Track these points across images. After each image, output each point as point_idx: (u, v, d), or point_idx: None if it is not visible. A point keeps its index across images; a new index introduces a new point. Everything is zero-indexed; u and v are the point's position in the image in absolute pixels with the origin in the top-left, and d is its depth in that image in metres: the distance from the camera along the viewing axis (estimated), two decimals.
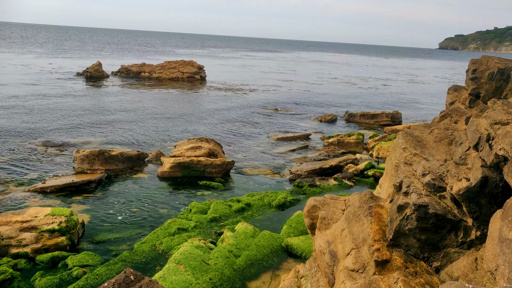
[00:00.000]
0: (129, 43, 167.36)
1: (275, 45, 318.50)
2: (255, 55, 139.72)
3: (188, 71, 54.83)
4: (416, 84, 71.14)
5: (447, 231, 6.19)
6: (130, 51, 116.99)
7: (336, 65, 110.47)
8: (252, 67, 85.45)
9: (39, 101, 33.83)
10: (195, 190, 16.98)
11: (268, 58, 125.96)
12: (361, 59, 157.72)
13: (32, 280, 9.98)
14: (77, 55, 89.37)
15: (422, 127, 9.42)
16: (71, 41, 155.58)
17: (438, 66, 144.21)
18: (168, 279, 9.61)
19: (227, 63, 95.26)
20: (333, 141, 25.17)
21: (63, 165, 18.96)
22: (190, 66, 55.59)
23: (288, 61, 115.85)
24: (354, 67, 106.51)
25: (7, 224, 11.56)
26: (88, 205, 14.80)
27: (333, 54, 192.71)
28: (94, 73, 50.61)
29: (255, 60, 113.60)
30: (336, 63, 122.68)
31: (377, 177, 18.75)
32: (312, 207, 8.66)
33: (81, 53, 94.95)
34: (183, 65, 55.58)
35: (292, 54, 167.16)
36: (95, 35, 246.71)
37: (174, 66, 55.31)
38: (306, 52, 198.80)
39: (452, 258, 6.11)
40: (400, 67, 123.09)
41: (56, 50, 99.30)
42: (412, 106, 44.88)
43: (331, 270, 7.30)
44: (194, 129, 27.63)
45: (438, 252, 6.25)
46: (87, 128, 26.02)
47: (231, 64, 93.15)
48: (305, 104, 41.35)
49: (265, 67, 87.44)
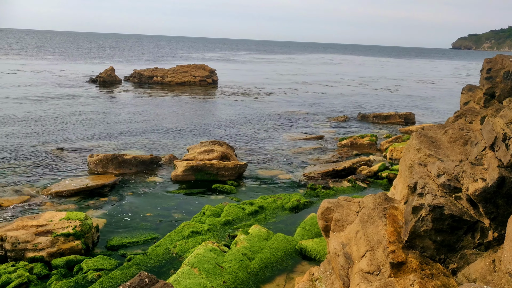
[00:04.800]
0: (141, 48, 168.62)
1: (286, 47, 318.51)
2: (267, 58, 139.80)
3: (200, 75, 55.03)
4: (429, 84, 70.55)
5: (464, 233, 6.11)
6: (142, 55, 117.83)
7: (349, 67, 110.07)
8: (263, 70, 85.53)
9: (53, 106, 34.22)
10: (208, 193, 17.01)
11: (279, 61, 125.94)
12: (373, 60, 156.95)
13: (48, 284, 10.07)
14: (89, 60, 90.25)
15: (436, 127, 9.32)
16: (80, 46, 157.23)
17: (451, 66, 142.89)
18: (182, 282, 9.62)
19: (238, 66, 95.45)
20: (346, 142, 25.05)
21: (78, 169, 19.13)
22: (202, 69, 55.79)
23: (300, 63, 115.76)
24: (367, 68, 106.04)
25: (23, 228, 11.68)
26: (102, 209, 14.91)
27: (346, 56, 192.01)
28: (107, 78, 51.04)
29: (266, 62, 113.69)
30: (348, 64, 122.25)
31: (391, 179, 18.59)
32: (326, 209, 8.61)
33: (93, 59, 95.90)
34: (195, 69, 55.79)
35: (304, 56, 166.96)
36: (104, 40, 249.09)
37: (186, 70, 55.57)
38: (318, 54, 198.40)
39: (469, 260, 6.02)
40: (413, 67, 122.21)
41: (68, 56, 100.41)
42: (425, 106, 44.50)
43: (345, 272, 7.24)
44: (207, 132, 27.71)
45: (454, 254, 6.17)
46: (101, 133, 26.25)
47: (242, 67, 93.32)
48: (318, 105, 41.24)
49: (277, 69, 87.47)
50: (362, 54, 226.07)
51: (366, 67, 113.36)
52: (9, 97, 37.54)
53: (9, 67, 65.43)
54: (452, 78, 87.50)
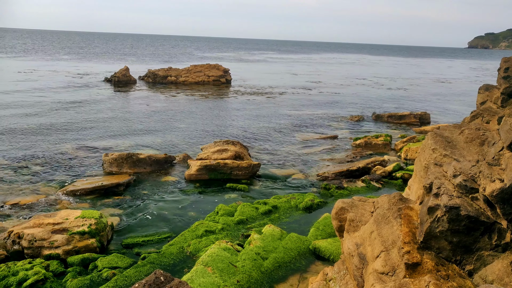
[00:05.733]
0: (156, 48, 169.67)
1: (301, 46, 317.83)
2: (280, 57, 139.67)
3: (214, 75, 55.20)
4: (445, 84, 69.80)
5: (480, 234, 6.03)
6: (156, 55, 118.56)
7: (364, 66, 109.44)
8: (277, 69, 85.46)
9: (68, 106, 34.62)
10: (221, 192, 17.05)
11: (293, 60, 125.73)
12: (388, 60, 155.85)
13: (64, 281, 10.18)
14: (104, 60, 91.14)
15: (452, 127, 9.22)
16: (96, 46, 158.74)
17: (467, 65, 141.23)
18: (196, 281, 9.65)
19: (252, 65, 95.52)
20: (361, 142, 24.91)
21: (93, 168, 19.32)
22: (215, 69, 55.95)
23: (314, 63, 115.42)
24: (382, 68, 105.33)
25: (39, 226, 11.84)
26: (117, 208, 15.04)
27: (361, 55, 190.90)
28: (121, 78, 51.47)
29: (280, 62, 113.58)
30: (363, 64, 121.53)
31: (405, 179, 18.44)
32: (340, 209, 8.57)
33: (107, 59, 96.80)
34: (208, 69, 55.98)
35: (318, 56, 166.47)
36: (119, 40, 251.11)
37: (200, 70, 55.78)
38: (333, 54, 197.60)
39: (486, 262, 5.94)
40: (428, 67, 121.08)
41: (84, 56, 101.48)
42: (441, 106, 44.03)
43: (360, 272, 7.20)
44: (220, 132, 27.77)
45: (471, 255, 6.10)
46: (115, 132, 26.47)
47: (256, 66, 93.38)
48: (332, 105, 41.09)
49: (291, 69, 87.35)
50: (377, 54, 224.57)
51: (381, 66, 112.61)
52: (25, 97, 38.08)
53: (25, 67, 66.36)
54: (468, 78, 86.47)
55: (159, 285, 5.51)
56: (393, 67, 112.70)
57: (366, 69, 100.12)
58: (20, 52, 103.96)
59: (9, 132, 24.99)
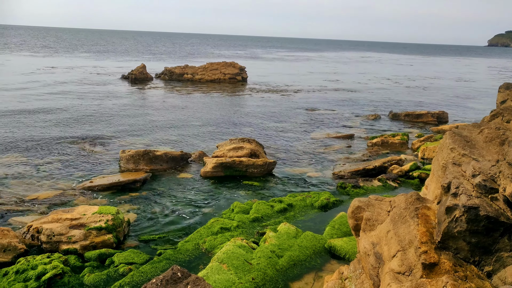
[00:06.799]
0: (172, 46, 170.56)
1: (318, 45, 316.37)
2: (297, 55, 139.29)
3: (230, 72, 55.29)
4: (464, 82, 68.81)
5: (500, 235, 5.94)
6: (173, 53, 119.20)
7: (382, 65, 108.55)
8: (293, 67, 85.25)
9: (86, 103, 35.02)
10: (237, 190, 17.09)
11: (310, 58, 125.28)
12: (406, 58, 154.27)
13: (81, 275, 10.32)
14: (121, 58, 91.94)
15: (471, 126, 9.10)
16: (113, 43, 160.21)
17: (487, 63, 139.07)
18: (211, 278, 9.70)
19: (268, 63, 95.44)
20: (377, 141, 24.73)
21: (109, 164, 19.52)
22: (231, 67, 56.02)
23: (331, 61, 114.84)
24: (400, 66, 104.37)
25: (57, 221, 12.02)
26: (133, 204, 15.18)
27: (379, 54, 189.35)
28: (138, 75, 51.89)
29: (296, 60, 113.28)
30: (381, 62, 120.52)
31: (422, 179, 18.25)
32: (356, 208, 8.52)
33: (125, 56, 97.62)
34: (224, 67, 56.08)
35: (335, 54, 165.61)
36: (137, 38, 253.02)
37: (216, 68, 55.91)
38: (349, 52, 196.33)
39: (506, 263, 5.85)
40: (447, 65, 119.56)
41: (102, 53, 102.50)
42: (459, 105, 43.45)
43: (376, 272, 7.16)
44: (236, 130, 27.82)
45: (490, 256, 6.01)
46: (132, 129, 26.71)
47: (272, 64, 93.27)
48: (348, 103, 40.84)
49: (307, 67, 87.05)
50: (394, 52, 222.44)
51: (399, 65, 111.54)
52: (44, 94, 38.64)
53: (44, 64, 67.31)
54: (488, 76, 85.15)
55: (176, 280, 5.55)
56: (411, 65, 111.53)
57: (383, 67, 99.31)
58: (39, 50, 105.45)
59: (27, 129, 25.38)
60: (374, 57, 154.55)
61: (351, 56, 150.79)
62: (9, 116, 28.52)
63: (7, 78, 47.84)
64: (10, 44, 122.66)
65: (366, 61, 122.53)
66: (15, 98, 35.40)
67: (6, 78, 47.78)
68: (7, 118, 27.90)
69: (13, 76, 49.90)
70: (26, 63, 67.52)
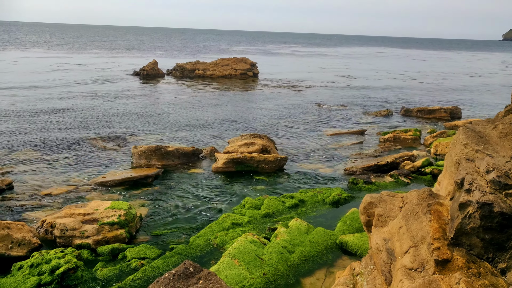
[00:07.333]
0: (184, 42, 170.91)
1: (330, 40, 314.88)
2: (309, 51, 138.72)
3: (241, 68, 55.25)
4: (478, 78, 67.99)
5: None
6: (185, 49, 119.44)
7: (395, 60, 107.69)
8: (305, 63, 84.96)
9: (98, 99, 35.28)
10: (248, 185, 17.10)
11: (322, 54, 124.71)
12: (419, 53, 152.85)
13: (94, 270, 10.43)
14: (133, 54, 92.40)
15: (485, 122, 8.99)
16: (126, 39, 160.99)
17: (502, 58, 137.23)
18: (223, 273, 9.74)
19: (279, 59, 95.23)
20: (389, 137, 24.58)
21: (122, 160, 19.66)
22: (243, 63, 55.98)
23: (343, 56, 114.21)
24: (413, 62, 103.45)
25: (71, 216, 12.14)
26: (145, 199, 15.28)
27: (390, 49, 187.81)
28: (150, 72, 52.10)
29: (308, 56, 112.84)
30: (394, 58, 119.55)
31: (435, 175, 18.10)
32: (368, 204, 8.49)
33: (136, 52, 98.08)
34: (236, 62, 56.06)
35: (347, 49, 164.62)
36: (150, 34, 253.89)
37: (227, 63, 55.91)
38: (361, 47, 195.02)
39: None
40: (460, 60, 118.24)
41: (113, 49, 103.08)
42: (473, 101, 42.96)
43: (388, 268, 7.13)
44: (247, 126, 27.83)
45: (504, 253, 5.95)
46: (144, 125, 26.85)
47: (283, 59, 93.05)
48: (360, 99, 40.62)
49: (319, 63, 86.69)
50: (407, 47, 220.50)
51: (411, 60, 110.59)
52: (57, 90, 39.01)
53: (57, 61, 67.88)
54: (503, 71, 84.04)
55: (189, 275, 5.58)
56: (424, 60, 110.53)
57: (396, 62, 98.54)
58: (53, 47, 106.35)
59: (42, 126, 25.65)
60: (387, 52, 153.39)
61: (364, 52, 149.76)
62: (24, 113, 28.84)
63: (22, 76, 48.37)
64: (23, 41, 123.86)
65: (379, 57, 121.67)
66: (30, 96, 35.80)
67: (21, 76, 48.31)
68: (22, 115, 28.22)
69: (27, 74, 50.43)
70: (40, 61, 68.15)
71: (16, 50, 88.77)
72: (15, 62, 62.81)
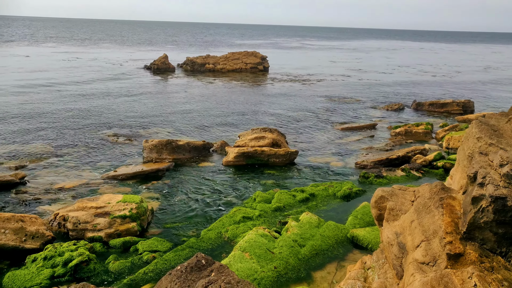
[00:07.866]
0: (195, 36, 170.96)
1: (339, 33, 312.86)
2: (319, 44, 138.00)
3: (251, 62, 55.15)
4: (493, 71, 67.13)
5: None
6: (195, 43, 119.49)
7: (406, 53, 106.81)
8: (315, 57, 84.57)
9: (109, 94, 35.48)
10: (259, 179, 17.12)
11: (333, 47, 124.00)
12: (433, 46, 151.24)
13: (107, 262, 10.54)
14: (144, 48, 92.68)
15: (498, 115, 8.88)
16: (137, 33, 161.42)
17: None
18: (234, 266, 9.78)
19: (289, 52, 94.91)
20: (401, 131, 24.42)
21: (133, 154, 19.78)
22: (253, 57, 55.86)
23: (354, 50, 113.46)
24: (426, 55, 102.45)
25: (83, 209, 12.26)
26: (156, 193, 15.37)
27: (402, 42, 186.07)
28: (160, 66, 52.24)
29: (318, 49, 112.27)
30: (406, 51, 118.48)
31: (447, 168, 17.97)
32: (380, 198, 8.45)
33: (147, 46, 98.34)
34: (246, 56, 55.96)
35: (358, 43, 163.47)
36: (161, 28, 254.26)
37: (238, 57, 55.84)
38: (373, 41, 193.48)
39: None
40: (474, 53, 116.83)
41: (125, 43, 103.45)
42: (486, 94, 42.45)
43: (399, 262, 7.10)
44: (258, 119, 27.81)
45: None
46: (155, 119, 26.96)
47: (294, 53, 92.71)
48: (372, 93, 40.35)
49: (330, 56, 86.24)
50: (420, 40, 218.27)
51: (424, 53, 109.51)
52: (68, 84, 39.29)
53: (69, 55, 68.34)
54: None
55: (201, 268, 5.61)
56: (436, 53, 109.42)
57: (408, 55, 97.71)
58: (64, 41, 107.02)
59: (55, 120, 25.88)
60: (399, 45, 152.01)
61: (376, 45, 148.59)
62: (36, 108, 29.11)
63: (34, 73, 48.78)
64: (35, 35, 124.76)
65: (391, 50, 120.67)
66: (42, 92, 36.10)
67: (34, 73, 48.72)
68: (35, 111, 28.48)
69: (40, 70, 50.84)
70: (53, 55, 68.64)
71: (28, 45, 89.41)
72: (27, 56, 63.33)
